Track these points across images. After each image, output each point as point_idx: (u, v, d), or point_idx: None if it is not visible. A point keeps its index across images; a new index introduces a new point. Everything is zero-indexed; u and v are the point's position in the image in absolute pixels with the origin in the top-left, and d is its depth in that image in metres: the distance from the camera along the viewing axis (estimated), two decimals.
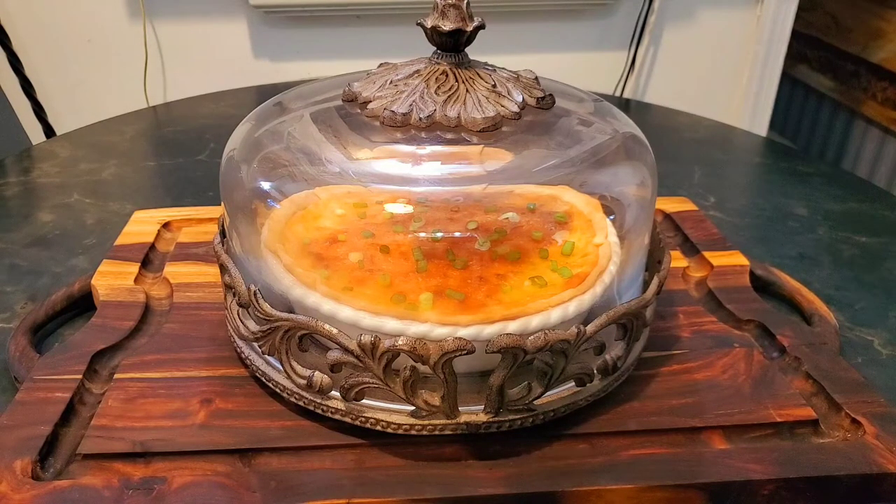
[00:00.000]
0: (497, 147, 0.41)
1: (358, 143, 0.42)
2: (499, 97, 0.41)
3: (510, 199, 0.50)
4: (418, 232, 0.45)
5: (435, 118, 0.39)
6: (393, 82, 0.41)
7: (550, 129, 0.44)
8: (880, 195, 0.75)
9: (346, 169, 0.43)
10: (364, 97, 0.41)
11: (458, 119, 0.39)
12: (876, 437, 0.39)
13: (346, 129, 0.43)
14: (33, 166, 0.78)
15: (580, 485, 0.36)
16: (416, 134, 0.40)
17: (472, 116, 0.39)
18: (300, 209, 0.48)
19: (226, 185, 0.44)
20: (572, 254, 0.44)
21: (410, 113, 0.39)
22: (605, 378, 0.40)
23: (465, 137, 0.40)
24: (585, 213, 0.48)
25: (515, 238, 0.45)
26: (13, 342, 0.46)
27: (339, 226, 0.46)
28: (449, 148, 0.40)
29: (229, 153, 0.43)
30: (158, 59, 1.25)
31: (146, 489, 0.35)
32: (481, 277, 0.41)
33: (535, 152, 0.44)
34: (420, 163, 0.41)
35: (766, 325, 0.48)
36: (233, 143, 0.44)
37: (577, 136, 0.45)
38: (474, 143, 0.40)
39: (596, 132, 0.46)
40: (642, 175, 0.44)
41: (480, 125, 0.39)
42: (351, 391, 0.36)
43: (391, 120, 0.39)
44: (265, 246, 0.44)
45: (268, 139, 0.44)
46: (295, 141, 0.44)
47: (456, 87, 0.40)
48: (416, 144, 0.40)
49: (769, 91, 1.38)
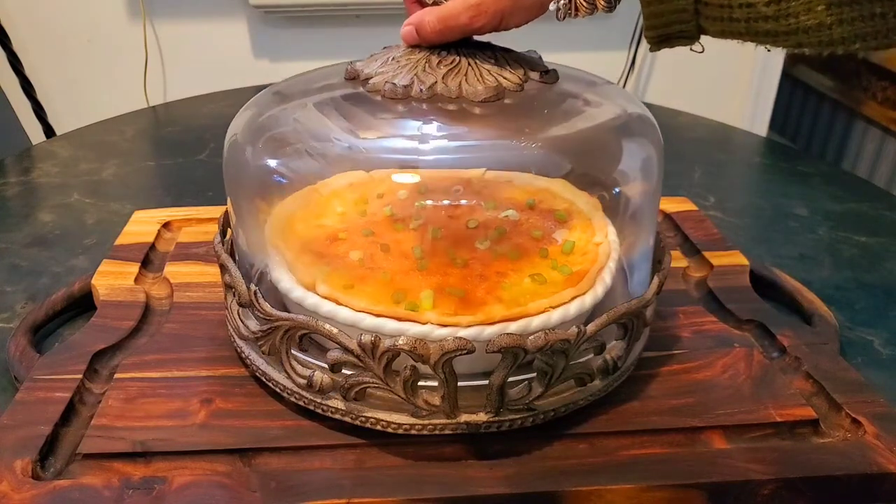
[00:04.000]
0: (499, 117, 0.41)
1: (359, 116, 0.42)
2: (501, 70, 0.40)
3: (510, 193, 0.50)
4: (418, 230, 0.45)
5: (436, 90, 0.39)
6: (395, 59, 0.41)
7: (554, 102, 0.43)
8: (880, 195, 0.75)
9: (349, 141, 0.42)
10: (366, 74, 0.41)
11: (460, 90, 0.39)
12: (876, 437, 0.39)
13: (347, 105, 0.43)
14: (33, 166, 0.78)
15: (580, 485, 0.36)
16: (417, 106, 0.39)
17: (474, 88, 0.39)
18: (301, 207, 0.48)
19: (230, 171, 0.44)
20: (572, 252, 0.44)
21: (411, 85, 0.39)
22: (605, 378, 0.40)
23: (467, 108, 0.39)
24: (585, 211, 0.48)
25: (515, 237, 0.45)
26: (13, 342, 0.46)
27: (339, 224, 0.46)
28: (450, 118, 0.40)
29: (231, 138, 0.43)
30: (158, 59, 1.25)
31: (146, 489, 0.35)
32: (481, 275, 0.41)
33: (539, 123, 0.43)
34: (422, 133, 0.40)
35: (766, 325, 0.48)
36: (234, 129, 0.43)
37: (581, 111, 0.44)
38: (476, 113, 0.39)
39: (602, 108, 0.45)
40: (648, 152, 0.44)
41: (482, 95, 0.38)
42: (351, 391, 0.36)
43: (392, 92, 0.39)
44: (268, 242, 0.44)
45: (270, 121, 0.43)
46: (297, 118, 0.44)
47: (457, 61, 0.40)
48: (418, 116, 0.40)
49: (769, 91, 1.38)
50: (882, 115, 1.48)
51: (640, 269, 0.45)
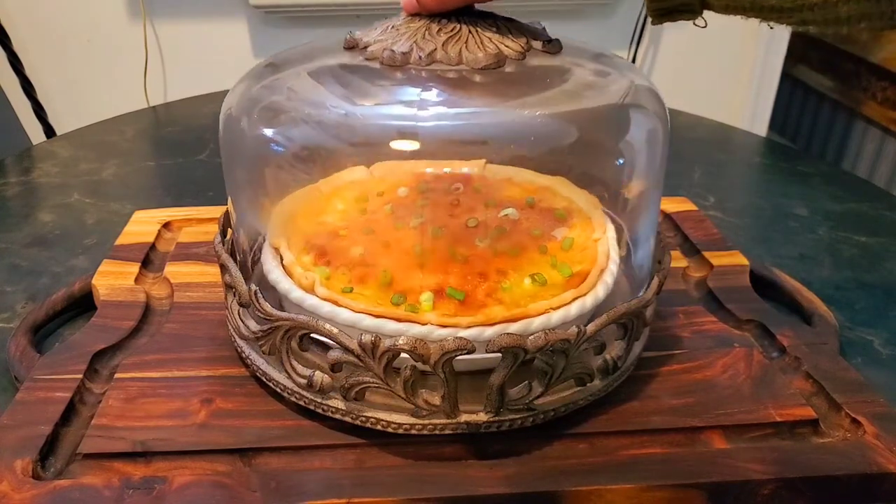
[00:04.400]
0: (500, 85, 0.40)
1: (356, 84, 0.41)
2: (502, 38, 0.39)
3: (509, 192, 0.50)
4: (419, 228, 0.45)
5: (435, 57, 0.38)
6: (394, 27, 0.40)
7: (558, 71, 0.42)
8: (880, 195, 0.75)
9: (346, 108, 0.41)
10: (364, 42, 0.40)
11: (460, 57, 0.38)
12: (876, 436, 0.39)
13: (344, 73, 0.42)
14: (33, 166, 0.78)
15: (580, 485, 0.36)
16: (416, 73, 0.38)
17: (474, 55, 0.38)
18: (303, 205, 0.48)
19: (227, 145, 0.43)
20: (571, 249, 0.44)
21: (410, 52, 0.38)
22: (605, 378, 0.40)
23: (467, 76, 0.38)
24: (585, 209, 0.48)
25: (515, 235, 0.45)
26: (13, 342, 0.46)
27: (340, 222, 0.46)
28: (450, 85, 0.39)
29: (227, 112, 0.42)
30: (158, 59, 1.25)
31: (146, 489, 0.35)
32: (482, 273, 0.41)
33: (541, 91, 0.42)
34: (420, 100, 0.40)
35: (766, 325, 0.48)
36: (228, 103, 0.43)
37: (586, 80, 0.44)
38: (476, 81, 0.39)
39: (608, 78, 0.44)
40: (654, 124, 0.43)
41: (482, 63, 0.38)
42: (351, 391, 0.36)
43: (391, 59, 0.38)
44: (268, 243, 0.44)
45: (265, 91, 0.43)
46: (291, 87, 0.43)
47: (458, 29, 0.39)
48: (417, 83, 0.39)
49: (769, 91, 1.38)
50: (882, 116, 1.48)
51: (644, 245, 0.44)
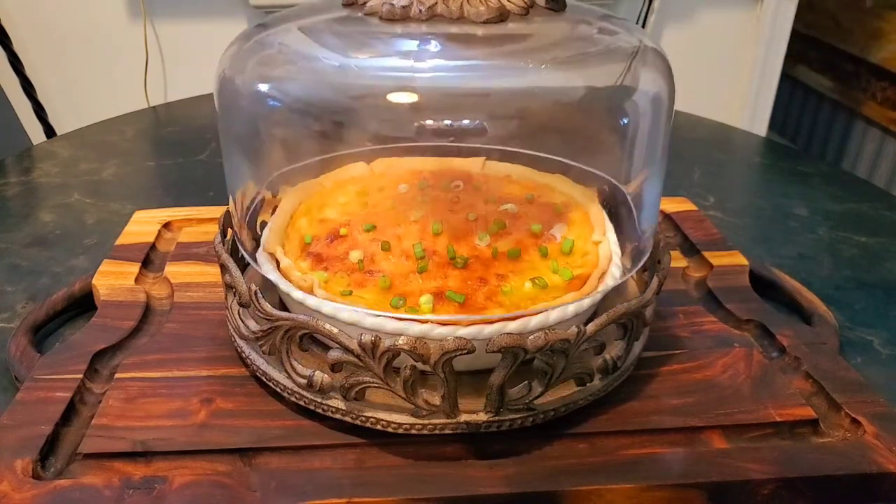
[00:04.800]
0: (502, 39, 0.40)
1: (353, 37, 0.41)
2: None
3: (509, 189, 0.50)
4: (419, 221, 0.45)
5: (436, 10, 0.37)
6: None
7: (562, 29, 0.42)
8: (880, 195, 0.75)
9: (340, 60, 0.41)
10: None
11: (461, 11, 0.37)
12: (875, 436, 0.39)
13: (340, 27, 0.42)
14: (33, 166, 0.78)
15: (580, 484, 0.36)
16: (415, 27, 0.38)
17: (476, 8, 0.37)
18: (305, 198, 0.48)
19: (223, 107, 0.43)
20: (572, 252, 0.44)
21: (410, 5, 0.38)
22: (605, 378, 0.40)
23: (468, 30, 0.38)
24: (583, 204, 0.48)
25: (515, 231, 0.45)
26: (14, 342, 0.46)
27: (341, 216, 0.46)
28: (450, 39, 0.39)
29: (220, 74, 0.42)
30: (158, 59, 1.25)
31: (147, 488, 0.35)
32: (481, 278, 0.41)
33: (545, 46, 0.41)
34: (419, 51, 0.39)
35: (766, 325, 0.48)
36: (222, 65, 0.42)
37: (590, 38, 0.43)
38: (477, 35, 0.38)
39: (615, 37, 0.44)
40: (660, 85, 0.42)
41: (484, 16, 0.37)
42: (351, 390, 0.36)
43: (390, 13, 0.38)
44: (264, 248, 0.44)
45: (258, 46, 0.42)
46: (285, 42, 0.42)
47: None
48: (416, 36, 0.39)
49: (769, 91, 1.38)
50: (882, 116, 1.48)
51: (648, 207, 0.44)
